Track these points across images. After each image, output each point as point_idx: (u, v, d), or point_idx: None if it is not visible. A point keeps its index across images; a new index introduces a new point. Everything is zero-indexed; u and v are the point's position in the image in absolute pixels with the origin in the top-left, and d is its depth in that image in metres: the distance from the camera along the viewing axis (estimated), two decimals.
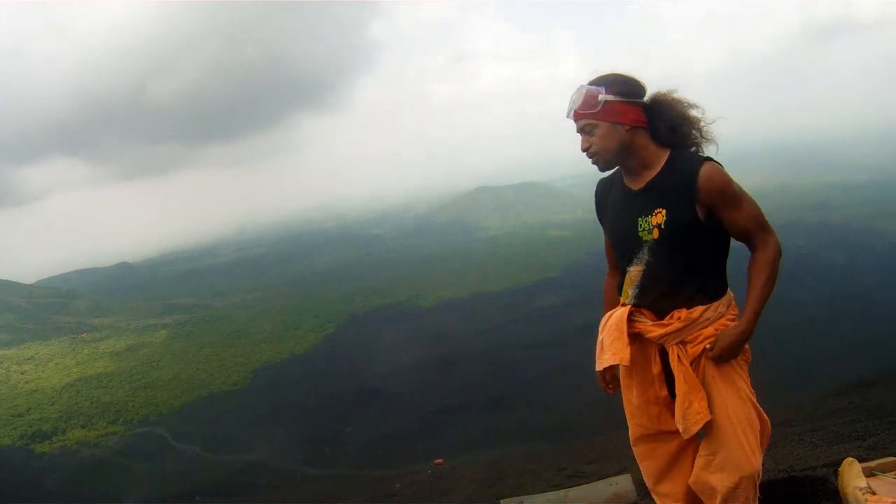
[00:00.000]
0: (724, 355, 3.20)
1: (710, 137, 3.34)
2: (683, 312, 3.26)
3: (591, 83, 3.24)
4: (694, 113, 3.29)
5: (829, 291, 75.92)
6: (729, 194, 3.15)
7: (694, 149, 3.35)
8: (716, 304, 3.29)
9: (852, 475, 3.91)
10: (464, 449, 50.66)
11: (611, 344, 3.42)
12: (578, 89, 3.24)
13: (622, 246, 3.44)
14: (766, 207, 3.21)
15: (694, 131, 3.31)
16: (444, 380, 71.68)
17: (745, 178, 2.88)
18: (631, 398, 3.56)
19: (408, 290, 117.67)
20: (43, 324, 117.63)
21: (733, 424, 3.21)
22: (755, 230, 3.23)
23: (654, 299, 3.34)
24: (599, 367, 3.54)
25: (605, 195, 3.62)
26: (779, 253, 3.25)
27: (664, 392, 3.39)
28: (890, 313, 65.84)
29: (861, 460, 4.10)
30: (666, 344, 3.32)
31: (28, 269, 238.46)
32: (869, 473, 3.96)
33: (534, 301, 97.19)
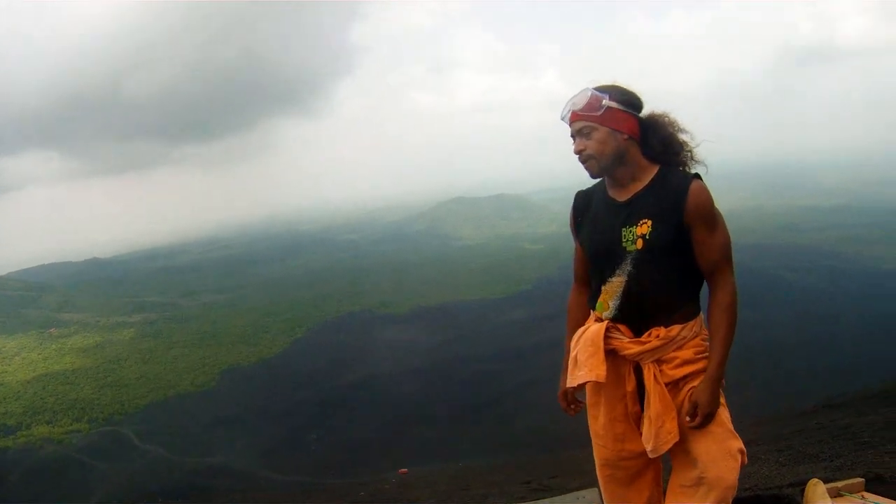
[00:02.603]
0: (710, 412, 3.17)
1: (698, 160, 3.39)
2: (662, 331, 3.25)
3: (596, 89, 3.27)
4: (685, 137, 3.36)
5: (798, 313, 76.50)
6: (710, 216, 3.19)
7: (682, 168, 3.38)
8: (691, 323, 3.29)
9: (817, 496, 3.97)
10: (429, 459, 50.59)
11: (587, 360, 3.37)
12: (582, 91, 3.28)
13: (603, 256, 3.39)
14: (739, 228, 3.36)
15: (684, 153, 3.37)
16: (412, 389, 71.61)
17: (719, 198, 2.99)
18: (597, 416, 3.56)
19: (380, 296, 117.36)
20: (11, 317, 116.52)
21: (719, 443, 3.21)
22: (721, 262, 3.22)
23: (635, 312, 3.31)
24: (573, 383, 3.46)
25: (585, 206, 3.60)
26: (736, 297, 3.24)
27: (636, 408, 3.39)
28: (856, 337, 66.61)
29: (827, 481, 4.17)
30: (642, 362, 3.31)
31: None
32: (836, 493, 4.06)
33: (505, 313, 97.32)
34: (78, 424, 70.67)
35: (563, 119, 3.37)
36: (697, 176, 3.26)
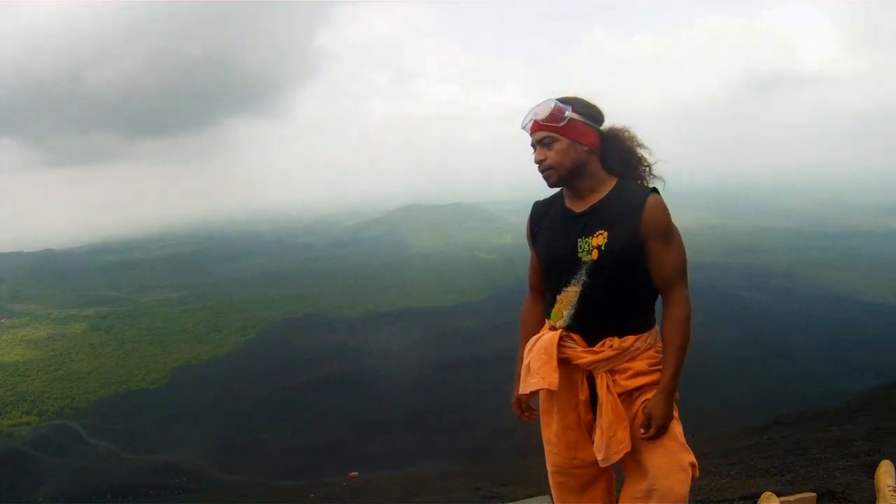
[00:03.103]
0: (664, 425, 3.21)
1: (657, 175, 3.44)
2: (616, 341, 3.27)
3: (559, 100, 3.29)
4: (643, 152, 3.41)
5: (752, 332, 77.27)
6: (665, 230, 3.23)
7: (640, 182, 3.42)
8: (645, 335, 3.33)
9: None
10: (379, 464, 50.85)
11: (539, 368, 3.38)
12: (545, 101, 3.28)
13: (558, 266, 3.40)
14: (696, 247, 3.74)
15: (642, 167, 3.41)
16: (365, 393, 71.76)
17: (678, 217, 3.40)
18: (550, 423, 3.58)
19: (334, 299, 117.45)
20: None
21: (671, 455, 3.26)
22: (675, 278, 3.25)
23: (589, 322, 3.33)
24: (525, 390, 3.47)
25: (542, 216, 3.60)
26: (689, 311, 3.28)
27: (589, 417, 3.40)
28: (808, 357, 68.27)
29: (779, 495, 4.37)
30: (595, 371, 3.33)
31: None
32: None
33: (459, 321, 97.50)
34: (27, 417, 70.25)
35: (523, 128, 3.41)
36: (655, 190, 3.31)
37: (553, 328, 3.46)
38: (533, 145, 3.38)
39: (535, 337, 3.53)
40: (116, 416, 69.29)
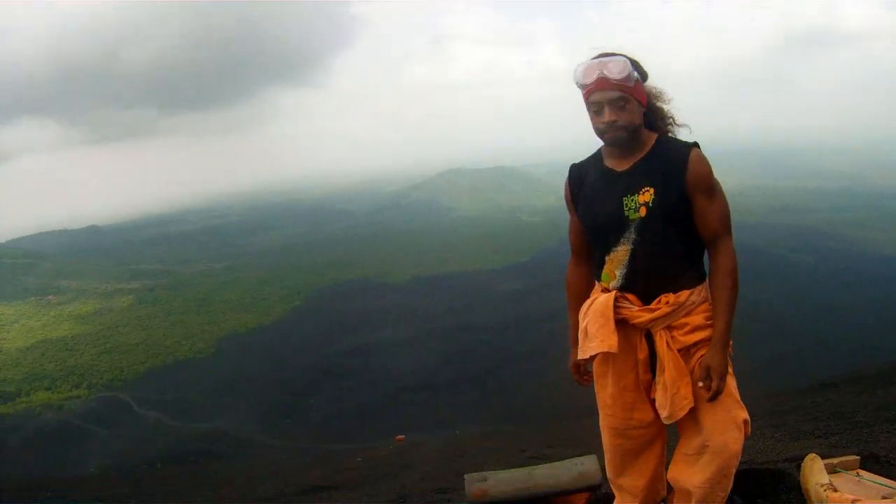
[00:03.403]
0: (722, 375, 3.19)
1: (681, 126, 3.42)
2: (671, 297, 3.25)
3: (623, 59, 3.18)
4: (667, 106, 3.40)
5: (797, 294, 76.24)
6: (709, 184, 3.21)
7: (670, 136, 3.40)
8: (698, 288, 3.30)
9: (814, 471, 3.98)
10: (425, 427, 50.53)
11: (598, 331, 3.30)
12: (615, 58, 3.16)
13: (604, 227, 3.34)
14: (737, 207, 3.45)
15: (671, 123, 3.41)
16: (410, 357, 71.54)
17: (720, 177, 3.04)
18: (606, 385, 3.52)
19: (377, 265, 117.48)
20: (9, 285, 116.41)
21: (726, 411, 3.27)
22: (721, 230, 3.23)
23: (642, 280, 3.29)
24: (585, 355, 3.40)
25: (581, 178, 3.52)
26: (736, 262, 3.26)
27: (647, 376, 3.38)
28: (853, 319, 66.67)
29: (823, 457, 4.19)
30: (653, 329, 3.29)
31: None
32: (831, 470, 4.06)
33: (502, 284, 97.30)
34: (77, 391, 70.85)
35: (584, 84, 3.23)
36: (696, 145, 3.29)
37: (606, 290, 3.43)
38: (598, 103, 3.22)
39: (589, 300, 3.49)
40: (165, 387, 69.71)
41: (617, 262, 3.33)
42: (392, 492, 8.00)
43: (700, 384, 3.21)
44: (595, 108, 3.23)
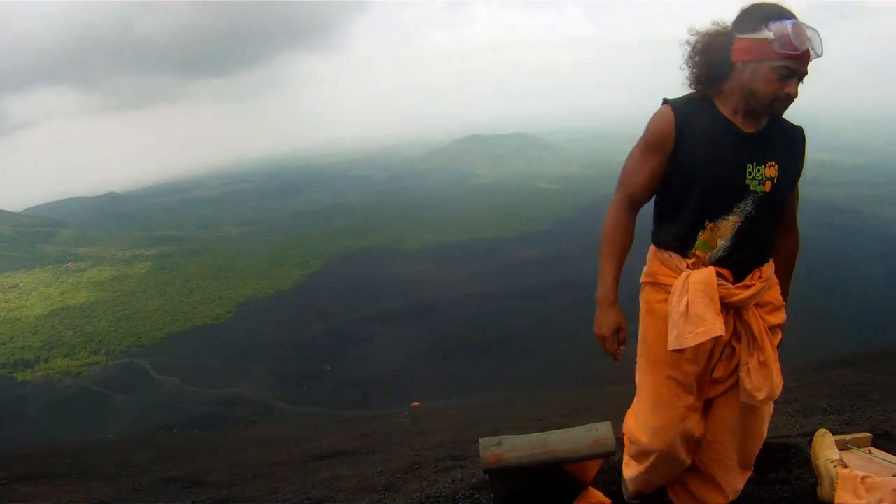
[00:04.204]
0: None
1: None
2: (762, 271, 3.11)
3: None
4: None
5: (813, 269, 75.52)
6: (803, 165, 3.12)
7: None
8: (771, 261, 3.20)
9: (824, 447, 3.86)
10: (441, 394, 50.72)
11: (704, 312, 2.95)
12: (816, 32, 2.86)
13: (720, 191, 3.00)
14: None
15: None
16: (426, 325, 71.79)
17: None
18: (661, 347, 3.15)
19: (394, 232, 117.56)
20: (28, 252, 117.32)
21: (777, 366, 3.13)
22: (795, 208, 3.26)
23: (743, 255, 3.06)
24: (693, 341, 2.96)
25: (690, 122, 3.05)
26: None
27: (729, 351, 3.15)
28: (870, 296, 66.23)
29: (835, 433, 4.08)
30: (746, 306, 3.09)
31: (15, 196, 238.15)
32: (843, 446, 3.96)
33: (520, 252, 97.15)
34: (95, 357, 71.32)
35: (795, 47, 2.79)
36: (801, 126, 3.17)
37: (695, 259, 3.10)
38: (791, 70, 2.85)
39: (683, 276, 3.08)
40: (182, 353, 70.10)
41: (723, 231, 3.03)
42: (406, 458, 7.82)
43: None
44: (783, 73, 2.84)
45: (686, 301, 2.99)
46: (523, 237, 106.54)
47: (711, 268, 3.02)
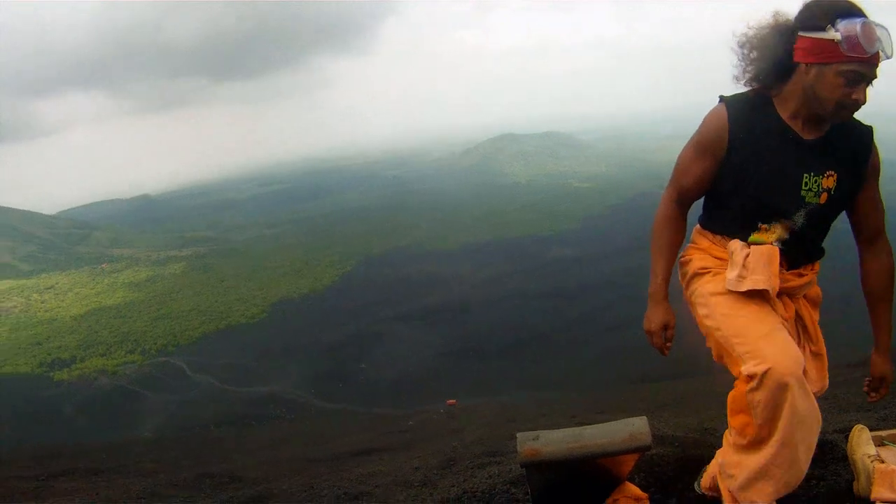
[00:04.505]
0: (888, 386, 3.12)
1: None
2: (815, 266, 3.06)
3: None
4: None
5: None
6: (879, 172, 2.95)
7: None
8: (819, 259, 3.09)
9: (861, 442, 3.76)
10: (476, 392, 50.79)
11: (762, 269, 2.83)
12: (890, 35, 2.65)
13: (774, 199, 2.86)
14: None
15: None
16: (459, 324, 71.84)
17: None
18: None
19: (427, 231, 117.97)
20: (63, 254, 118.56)
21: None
22: (883, 224, 3.04)
23: (794, 254, 2.95)
24: (744, 286, 2.82)
25: (749, 123, 2.88)
26: None
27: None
28: None
29: (872, 430, 3.95)
30: (796, 296, 3.02)
31: (50, 200, 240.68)
32: (879, 442, 3.85)
33: (553, 251, 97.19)
34: (131, 356, 71.77)
35: (864, 49, 2.58)
36: (871, 126, 2.93)
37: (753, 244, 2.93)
38: (859, 75, 2.63)
39: (741, 244, 2.91)
40: (217, 352, 70.42)
41: (773, 234, 2.90)
42: (442, 454, 7.78)
43: (872, 394, 3.17)
44: (850, 78, 2.64)
45: (744, 255, 2.87)
46: (555, 236, 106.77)
47: (776, 247, 2.88)
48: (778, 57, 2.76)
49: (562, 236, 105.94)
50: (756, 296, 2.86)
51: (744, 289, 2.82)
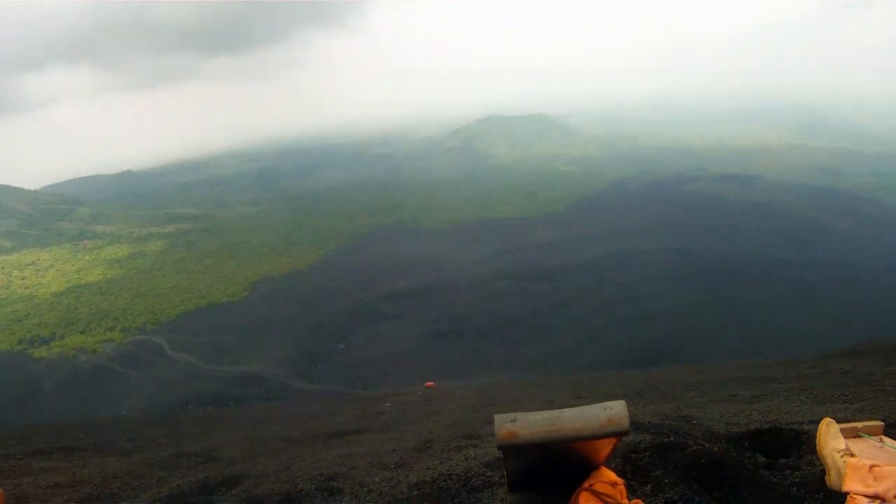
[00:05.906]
0: None
1: None
2: None
3: None
4: None
5: (831, 258, 74.86)
6: None
7: None
8: None
9: (830, 436, 3.98)
10: (454, 374, 50.91)
11: None
12: None
13: None
14: (775, 165, 2.67)
15: None
16: (441, 304, 71.72)
17: (760, 135, 2.19)
18: None
19: (411, 212, 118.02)
20: (45, 230, 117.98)
21: None
22: None
23: None
24: None
25: None
26: None
27: None
28: (884, 285, 65.38)
29: (847, 421, 4.16)
30: None
31: (32, 175, 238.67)
32: (855, 434, 4.02)
33: (537, 233, 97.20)
34: (111, 334, 71.50)
35: None
36: None
37: None
38: None
39: None
40: (198, 330, 70.25)
41: None
42: (419, 436, 7.85)
43: None
44: None
45: None
46: (540, 218, 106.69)
47: None
48: None
49: (547, 218, 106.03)
50: None
51: None
